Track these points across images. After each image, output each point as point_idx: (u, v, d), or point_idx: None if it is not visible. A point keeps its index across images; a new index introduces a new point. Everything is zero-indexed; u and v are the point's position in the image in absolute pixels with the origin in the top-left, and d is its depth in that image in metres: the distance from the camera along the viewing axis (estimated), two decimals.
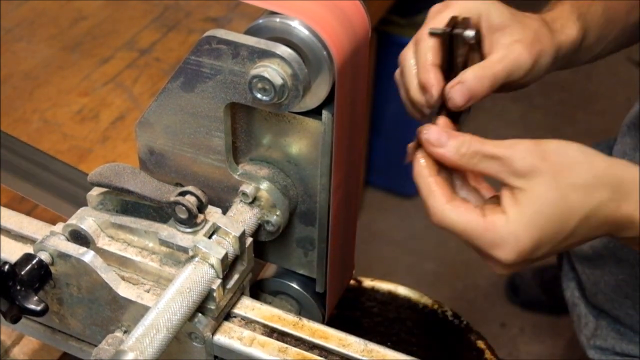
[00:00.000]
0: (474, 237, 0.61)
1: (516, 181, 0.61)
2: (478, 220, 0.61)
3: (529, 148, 0.61)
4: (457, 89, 0.69)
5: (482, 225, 0.61)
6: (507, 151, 0.61)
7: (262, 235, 0.67)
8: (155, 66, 1.27)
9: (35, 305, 0.59)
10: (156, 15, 1.40)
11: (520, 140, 0.62)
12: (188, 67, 0.60)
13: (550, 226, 0.60)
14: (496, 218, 0.61)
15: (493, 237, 0.61)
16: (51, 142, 1.12)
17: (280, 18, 0.56)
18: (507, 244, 0.60)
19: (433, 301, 1.06)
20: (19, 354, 0.80)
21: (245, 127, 0.65)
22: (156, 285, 0.62)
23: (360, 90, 0.65)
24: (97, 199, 0.64)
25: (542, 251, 0.62)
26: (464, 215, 0.61)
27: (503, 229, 0.60)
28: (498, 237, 0.60)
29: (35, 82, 1.23)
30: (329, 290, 0.72)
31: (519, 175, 0.60)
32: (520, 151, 0.61)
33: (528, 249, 0.61)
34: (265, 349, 0.62)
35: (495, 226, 0.60)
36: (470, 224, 0.61)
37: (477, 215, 0.61)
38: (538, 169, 0.60)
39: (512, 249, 0.60)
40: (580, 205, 0.60)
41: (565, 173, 0.60)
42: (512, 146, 0.61)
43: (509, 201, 0.61)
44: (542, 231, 0.60)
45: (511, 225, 0.60)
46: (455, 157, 0.63)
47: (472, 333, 1.03)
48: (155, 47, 1.32)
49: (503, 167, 0.61)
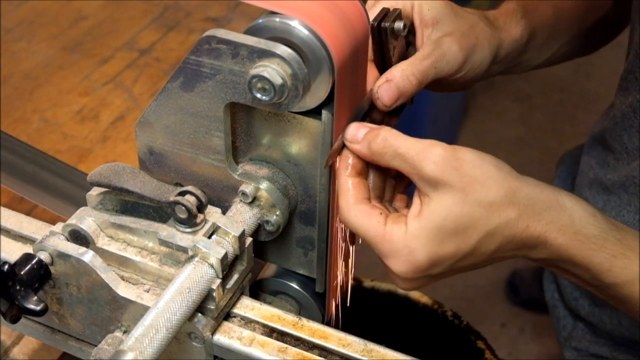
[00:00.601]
0: (372, 244, 0.60)
1: (424, 187, 0.59)
2: (378, 227, 0.59)
3: (443, 155, 0.58)
4: (384, 88, 0.66)
5: (380, 234, 0.59)
6: (417, 155, 0.58)
7: (261, 235, 0.67)
8: (155, 66, 1.27)
9: (34, 305, 0.59)
10: (156, 15, 1.40)
11: (436, 144, 0.59)
12: (188, 67, 0.60)
13: (449, 242, 0.58)
14: (395, 228, 0.59)
15: (389, 248, 0.59)
16: (51, 142, 1.12)
17: (280, 18, 0.56)
18: (400, 256, 0.59)
19: (433, 301, 1.06)
20: (18, 354, 0.80)
21: (245, 127, 0.65)
22: (156, 285, 0.62)
23: (360, 90, 0.65)
24: (96, 199, 0.64)
25: (440, 268, 0.60)
26: (365, 220, 0.60)
27: (399, 240, 0.59)
28: (393, 248, 0.59)
29: (35, 82, 1.23)
30: (329, 290, 0.72)
31: (427, 182, 0.58)
32: (432, 156, 0.58)
33: (423, 265, 0.59)
34: (265, 349, 0.62)
35: (392, 236, 0.59)
36: (370, 231, 0.60)
37: (377, 223, 0.59)
38: (447, 179, 0.58)
39: (405, 262, 0.59)
40: (484, 222, 0.58)
41: (476, 187, 0.58)
42: (426, 150, 0.58)
43: (414, 210, 0.59)
44: (439, 247, 0.58)
45: (408, 238, 0.58)
46: (367, 152, 0.61)
47: (472, 333, 1.03)
48: (155, 47, 1.32)
49: (413, 170, 0.59)
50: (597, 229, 0.61)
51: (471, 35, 0.73)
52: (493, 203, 0.58)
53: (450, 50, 0.71)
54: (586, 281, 0.63)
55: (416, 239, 0.58)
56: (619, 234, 0.62)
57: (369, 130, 0.61)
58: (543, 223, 0.60)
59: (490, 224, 0.59)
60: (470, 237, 0.59)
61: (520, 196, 0.59)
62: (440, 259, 0.59)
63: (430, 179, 0.58)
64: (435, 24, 0.72)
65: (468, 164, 0.58)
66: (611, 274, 0.61)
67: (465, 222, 0.58)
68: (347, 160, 0.62)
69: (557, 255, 0.61)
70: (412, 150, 0.59)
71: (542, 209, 0.60)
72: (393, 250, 0.59)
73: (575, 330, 1.04)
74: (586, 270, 0.62)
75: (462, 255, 0.59)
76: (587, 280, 0.63)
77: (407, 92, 0.67)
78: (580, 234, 0.60)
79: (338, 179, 0.62)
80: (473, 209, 0.58)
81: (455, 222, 0.58)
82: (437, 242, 0.58)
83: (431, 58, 0.70)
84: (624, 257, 0.61)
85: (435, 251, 0.58)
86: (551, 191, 0.61)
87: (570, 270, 0.63)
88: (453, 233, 0.58)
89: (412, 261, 0.59)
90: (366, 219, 0.60)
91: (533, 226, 0.60)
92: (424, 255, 0.58)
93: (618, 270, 0.61)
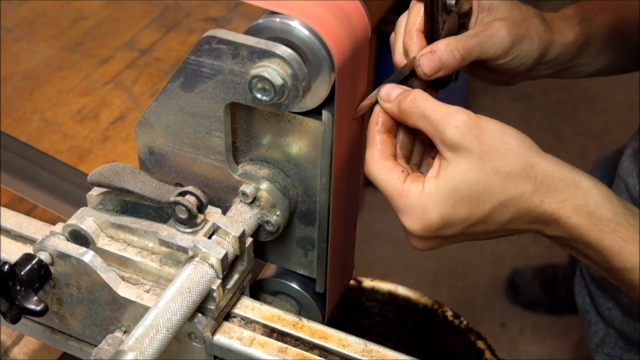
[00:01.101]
0: (390, 199, 0.62)
1: (444, 150, 0.60)
2: (396, 183, 0.61)
3: (466, 121, 0.60)
4: (427, 57, 0.67)
5: (397, 190, 0.61)
6: (441, 118, 0.60)
7: (262, 235, 0.67)
8: (155, 66, 1.27)
9: (35, 305, 0.59)
10: (156, 15, 1.40)
11: (461, 111, 0.61)
12: (188, 67, 0.60)
13: (462, 206, 0.60)
14: (412, 186, 0.61)
15: (404, 204, 0.61)
16: (51, 142, 1.12)
17: (280, 18, 0.56)
18: (414, 213, 0.61)
19: (433, 301, 1.06)
20: (18, 354, 0.80)
21: (245, 127, 0.65)
22: (156, 286, 0.62)
23: (360, 90, 0.65)
24: (97, 199, 0.64)
25: (452, 230, 0.61)
26: (386, 175, 0.62)
27: (414, 198, 0.60)
28: (408, 204, 0.61)
29: (35, 82, 1.23)
30: (329, 290, 0.72)
31: (448, 146, 0.60)
32: (455, 121, 0.60)
33: (435, 224, 0.60)
34: (265, 349, 0.62)
35: (409, 194, 0.61)
36: (389, 185, 0.62)
37: (397, 179, 0.61)
38: (467, 145, 0.59)
39: (417, 219, 0.61)
40: (499, 190, 0.60)
41: (494, 156, 0.60)
42: (450, 114, 0.60)
43: (432, 172, 0.61)
44: (452, 209, 0.60)
45: (423, 197, 0.60)
46: (397, 111, 0.62)
47: (472, 333, 1.03)
48: (155, 47, 1.32)
49: (436, 132, 0.60)
50: (611, 212, 0.61)
51: (522, 25, 0.74)
52: (510, 174, 0.60)
53: (499, 33, 0.72)
54: (598, 264, 0.64)
55: (430, 198, 0.60)
56: (634, 219, 0.62)
57: (402, 91, 0.63)
58: (557, 200, 0.61)
59: (505, 194, 0.60)
60: (483, 204, 0.60)
61: (538, 171, 0.60)
62: (453, 221, 0.61)
63: (451, 143, 0.60)
64: (491, 9, 0.73)
65: (489, 133, 0.60)
66: (621, 257, 0.62)
67: (480, 189, 0.60)
68: (378, 116, 0.64)
69: (569, 234, 0.62)
70: (437, 113, 0.60)
71: (558, 186, 0.61)
72: (408, 206, 0.61)
73: (607, 337, 1.03)
74: (597, 252, 0.62)
75: (475, 220, 0.61)
76: (599, 263, 0.64)
77: (449, 65, 0.69)
78: (594, 215, 0.61)
79: (368, 133, 0.64)
80: (489, 177, 0.59)
81: (470, 187, 0.60)
82: (451, 205, 0.60)
83: (479, 37, 0.71)
84: (635, 242, 0.61)
85: (448, 213, 0.60)
86: (569, 170, 0.62)
87: (583, 251, 0.63)
88: (467, 198, 0.60)
89: (424, 219, 0.60)
90: (387, 173, 0.62)
91: (547, 202, 0.61)
92: (437, 215, 0.60)
93: (628, 255, 0.61)
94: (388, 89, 0.64)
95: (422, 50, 0.68)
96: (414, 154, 0.67)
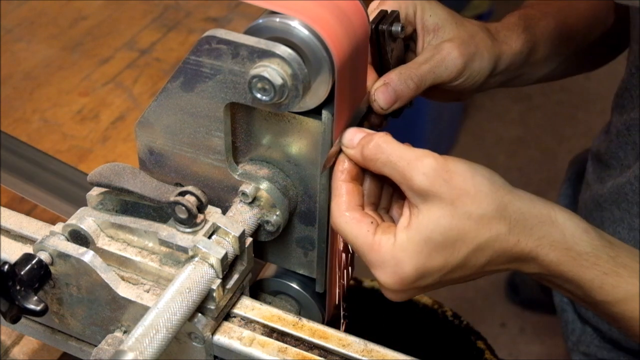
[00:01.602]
0: (360, 253, 0.60)
1: (414, 198, 0.58)
2: (367, 237, 0.59)
3: (434, 166, 0.57)
4: (381, 91, 0.66)
5: (368, 243, 0.59)
6: (407, 165, 0.57)
7: (261, 235, 0.67)
8: (155, 66, 1.27)
9: (35, 305, 0.59)
10: (156, 15, 1.40)
11: (427, 155, 0.58)
12: (188, 67, 0.60)
13: (437, 254, 0.58)
14: (384, 239, 0.58)
15: (376, 258, 0.59)
16: (51, 142, 1.12)
17: (280, 18, 0.56)
18: (387, 267, 0.58)
19: (433, 301, 1.06)
20: (19, 354, 0.80)
21: (245, 127, 0.65)
22: (156, 285, 0.62)
23: (360, 90, 0.65)
24: (97, 199, 0.64)
25: (428, 280, 0.59)
26: (355, 228, 0.59)
27: (387, 251, 0.58)
28: (380, 258, 0.58)
29: (35, 82, 1.23)
30: (329, 290, 0.72)
31: (417, 193, 0.57)
32: (423, 167, 0.57)
33: (410, 277, 0.58)
34: (265, 349, 0.62)
35: (380, 247, 0.58)
36: (358, 239, 0.59)
37: (367, 232, 0.59)
38: (437, 191, 0.57)
39: (392, 273, 0.58)
40: (473, 235, 0.57)
41: (466, 200, 0.57)
42: (417, 159, 0.57)
43: (403, 222, 0.59)
44: (427, 259, 0.58)
45: (396, 249, 0.58)
46: (360, 158, 0.60)
47: (472, 333, 1.04)
48: (155, 47, 1.32)
49: (404, 179, 0.58)
50: (589, 245, 0.60)
51: (471, 43, 0.73)
52: (483, 216, 0.57)
53: (450, 56, 0.71)
54: (579, 297, 0.63)
55: (403, 250, 0.58)
56: (612, 251, 0.61)
57: (364, 136, 0.60)
58: (534, 238, 0.59)
59: (480, 238, 0.58)
60: (459, 250, 0.58)
61: (511, 210, 0.58)
62: (428, 271, 0.58)
63: (419, 190, 0.57)
64: (437, 31, 0.72)
65: (459, 176, 0.57)
66: (602, 291, 0.61)
67: (454, 235, 0.57)
68: (342, 164, 0.61)
69: (548, 270, 0.61)
70: (403, 159, 0.58)
71: (534, 224, 0.59)
72: (380, 260, 0.58)
73: (583, 335, 1.03)
74: (578, 287, 0.61)
75: (451, 268, 0.59)
76: (580, 297, 0.63)
77: (405, 95, 0.67)
78: (572, 250, 0.60)
79: (333, 183, 0.62)
80: (462, 222, 0.57)
81: (444, 235, 0.57)
82: (425, 255, 0.58)
83: (430, 63, 0.70)
84: (616, 275, 0.60)
85: (423, 264, 0.58)
86: (544, 206, 0.60)
87: (563, 285, 0.62)
88: (441, 246, 0.57)
89: (398, 273, 0.58)
90: (356, 226, 0.59)
91: (524, 241, 0.59)
92: (411, 268, 0.58)
93: (609, 288, 0.61)
94: (350, 134, 0.61)
95: (375, 84, 0.66)
96: (382, 198, 0.65)
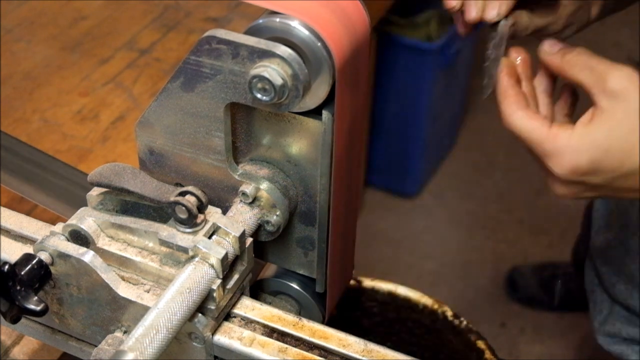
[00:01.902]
0: (535, 144, 0.62)
1: (603, 100, 0.60)
2: (542, 128, 0.61)
3: (630, 74, 0.60)
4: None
5: (544, 134, 0.61)
6: (607, 68, 0.60)
7: (262, 236, 0.67)
8: (155, 66, 1.27)
9: (35, 305, 0.59)
10: (156, 15, 1.40)
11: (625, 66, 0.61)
12: (188, 67, 0.60)
13: (615, 153, 0.59)
14: (561, 130, 0.61)
15: (552, 146, 0.61)
16: (51, 142, 1.12)
17: (280, 18, 0.56)
18: (563, 154, 0.60)
19: (433, 301, 1.06)
20: (19, 354, 0.80)
21: (245, 127, 0.65)
22: (156, 286, 0.62)
23: (360, 90, 0.65)
24: (97, 199, 0.64)
25: (599, 178, 0.60)
26: (530, 122, 0.62)
27: (563, 140, 0.60)
28: (557, 146, 0.60)
29: (35, 82, 1.23)
30: (329, 290, 0.72)
31: (608, 94, 0.60)
32: (619, 72, 0.60)
33: (584, 167, 0.60)
34: (265, 349, 0.62)
35: (557, 137, 0.60)
36: (534, 131, 0.61)
37: (542, 125, 0.61)
38: (628, 93, 0.59)
39: (567, 161, 0.60)
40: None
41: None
42: (616, 65, 0.60)
43: (584, 118, 0.61)
44: (604, 155, 0.59)
45: (573, 139, 0.60)
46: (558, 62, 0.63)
47: (472, 333, 1.03)
48: (155, 47, 1.32)
49: (598, 82, 0.60)
50: None
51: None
52: None
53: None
54: None
55: (582, 140, 0.59)
56: None
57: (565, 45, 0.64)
58: None
59: None
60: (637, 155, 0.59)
61: None
62: (603, 167, 0.60)
63: (611, 91, 0.59)
64: None
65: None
66: None
67: (634, 140, 0.59)
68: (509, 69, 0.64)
69: None
70: (602, 63, 0.61)
71: None
72: (557, 148, 0.60)
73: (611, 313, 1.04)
74: None
75: (626, 171, 0.60)
76: None
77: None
78: None
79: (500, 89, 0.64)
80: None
81: (624, 137, 0.59)
82: (603, 150, 0.59)
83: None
84: None
85: (599, 158, 0.59)
86: None
87: None
88: (620, 147, 0.59)
89: (574, 160, 0.60)
90: (531, 120, 0.62)
91: None
92: (587, 158, 0.59)
93: None
94: (550, 43, 0.65)
95: None
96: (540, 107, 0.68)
